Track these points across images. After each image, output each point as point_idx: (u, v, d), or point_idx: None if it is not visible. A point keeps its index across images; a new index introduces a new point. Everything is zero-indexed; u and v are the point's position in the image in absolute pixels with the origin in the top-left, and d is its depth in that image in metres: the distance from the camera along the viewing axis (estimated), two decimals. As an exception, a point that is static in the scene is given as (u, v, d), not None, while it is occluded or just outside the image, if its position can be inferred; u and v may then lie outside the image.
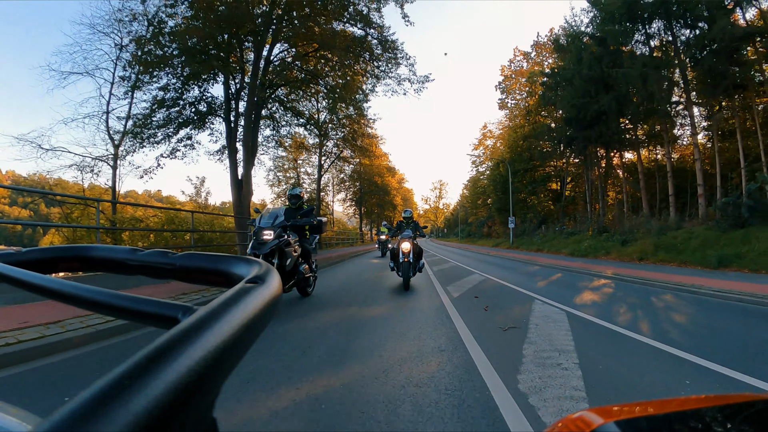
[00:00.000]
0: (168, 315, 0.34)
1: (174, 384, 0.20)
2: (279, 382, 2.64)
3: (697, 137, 18.12)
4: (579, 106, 22.09)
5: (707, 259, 11.49)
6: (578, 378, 2.77)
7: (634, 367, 3.05)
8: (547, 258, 17.27)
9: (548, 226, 29.85)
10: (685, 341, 3.81)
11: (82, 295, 0.40)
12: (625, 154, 25.08)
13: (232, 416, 2.14)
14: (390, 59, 15.46)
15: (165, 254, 0.45)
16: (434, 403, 2.26)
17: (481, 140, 55.65)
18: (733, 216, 12.90)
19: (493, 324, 4.53)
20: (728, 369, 3.00)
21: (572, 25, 26.45)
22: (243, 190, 14.24)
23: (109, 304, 0.38)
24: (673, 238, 14.52)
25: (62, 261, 0.53)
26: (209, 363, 0.23)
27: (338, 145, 24.24)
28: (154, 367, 0.20)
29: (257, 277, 0.34)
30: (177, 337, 0.23)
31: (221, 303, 0.28)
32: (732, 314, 5.29)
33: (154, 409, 0.19)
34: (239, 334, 0.26)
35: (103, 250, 0.51)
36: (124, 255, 0.48)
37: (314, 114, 19.77)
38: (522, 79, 40.91)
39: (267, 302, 0.30)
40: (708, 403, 0.59)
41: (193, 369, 0.22)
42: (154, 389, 0.19)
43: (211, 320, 0.25)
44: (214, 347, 0.23)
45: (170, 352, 0.22)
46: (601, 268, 11.67)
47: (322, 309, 5.41)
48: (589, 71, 21.67)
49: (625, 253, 15.36)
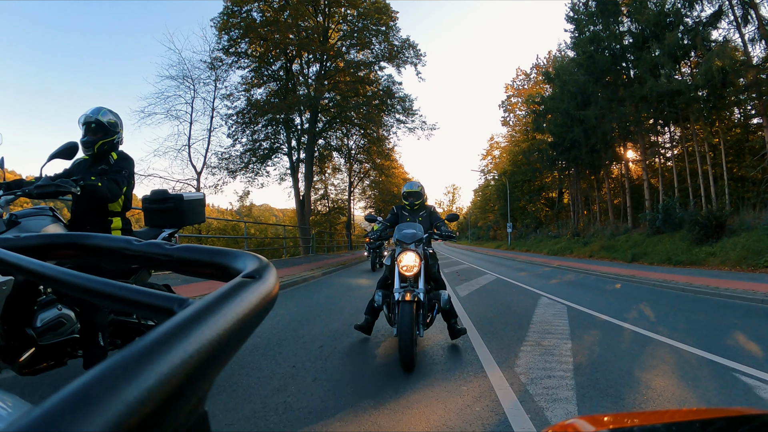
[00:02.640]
0: (163, 306, 0.35)
1: (167, 376, 0.20)
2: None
3: (645, 162, 23.33)
4: (559, 133, 27.49)
5: (627, 255, 16.87)
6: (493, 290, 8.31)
7: (524, 302, 8.60)
8: (527, 256, 22.88)
9: (541, 231, 35.19)
10: (571, 296, 9.37)
11: (78, 283, 0.40)
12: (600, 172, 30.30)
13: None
14: (408, 113, 21.52)
15: (162, 246, 0.45)
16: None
17: (489, 150, 60.96)
18: (652, 225, 18.24)
19: (454, 278, 10.09)
20: (594, 311, 8.54)
21: (560, 56, 31.92)
22: (305, 208, 20.20)
23: (106, 292, 0.38)
24: (616, 241, 19.88)
25: (58, 248, 0.52)
26: (203, 356, 0.23)
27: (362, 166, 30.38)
28: (148, 358, 0.20)
29: (254, 272, 0.34)
30: (171, 330, 0.23)
31: (217, 297, 0.28)
32: (611, 285, 10.81)
33: (146, 400, 0.19)
34: (234, 329, 0.26)
35: (100, 238, 0.50)
36: (121, 244, 0.48)
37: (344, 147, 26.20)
38: (521, 100, 46.20)
39: (263, 298, 0.30)
40: (699, 416, 0.61)
41: (186, 362, 0.21)
42: (147, 380, 0.19)
43: (206, 314, 0.25)
44: (208, 341, 0.23)
45: (164, 344, 0.22)
46: (555, 262, 17.19)
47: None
48: (567, 106, 27.05)
49: (582, 252, 20.79)
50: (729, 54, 17.30)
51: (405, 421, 2.34)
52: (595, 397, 2.72)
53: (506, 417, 2.38)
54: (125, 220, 2.90)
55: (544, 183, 41.44)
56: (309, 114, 20.63)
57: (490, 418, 2.38)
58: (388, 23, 21.43)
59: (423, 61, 22.19)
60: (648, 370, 3.29)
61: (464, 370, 3.28)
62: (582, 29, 25.55)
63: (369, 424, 2.30)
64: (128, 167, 2.79)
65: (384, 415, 2.42)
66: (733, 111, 20.78)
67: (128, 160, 2.82)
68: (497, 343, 4.09)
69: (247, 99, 20.56)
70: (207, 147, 21.78)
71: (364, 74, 22.30)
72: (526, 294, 8.10)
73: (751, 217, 14.18)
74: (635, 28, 22.25)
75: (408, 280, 3.48)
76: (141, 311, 0.38)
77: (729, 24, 18.45)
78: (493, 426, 2.28)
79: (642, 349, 3.98)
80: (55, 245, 0.52)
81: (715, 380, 3.13)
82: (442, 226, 4.16)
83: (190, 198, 3.26)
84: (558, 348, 3.93)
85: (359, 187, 49.35)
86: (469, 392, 2.79)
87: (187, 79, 19.62)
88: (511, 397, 2.67)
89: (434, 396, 2.72)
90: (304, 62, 21.75)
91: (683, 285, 8.48)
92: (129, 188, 2.85)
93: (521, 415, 2.40)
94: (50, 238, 0.53)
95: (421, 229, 3.72)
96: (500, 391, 2.78)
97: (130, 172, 2.80)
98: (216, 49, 19.94)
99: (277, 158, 21.92)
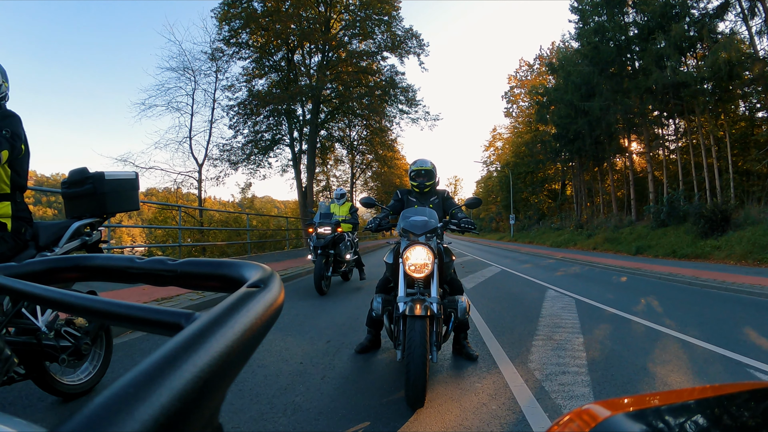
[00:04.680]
0: (171, 322, 0.35)
1: (179, 391, 0.20)
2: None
3: (649, 154, 23.18)
4: (563, 125, 27.28)
5: (631, 248, 16.80)
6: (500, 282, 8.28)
7: (524, 290, 8.57)
8: (530, 248, 22.80)
9: (544, 222, 35.11)
10: (578, 288, 9.32)
11: (84, 305, 0.40)
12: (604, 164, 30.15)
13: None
14: (410, 103, 21.32)
15: (164, 261, 0.45)
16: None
17: (492, 142, 60.67)
18: (656, 218, 18.14)
19: (458, 270, 10.04)
20: (602, 304, 8.50)
21: (563, 47, 31.61)
22: (307, 199, 20.09)
23: (113, 312, 0.39)
24: (620, 233, 19.80)
25: (62, 271, 0.52)
26: (214, 369, 0.23)
27: (365, 157, 30.16)
28: (159, 374, 0.21)
29: (259, 282, 0.35)
30: (181, 345, 0.23)
31: (224, 309, 0.28)
32: (617, 277, 10.77)
33: (160, 417, 0.19)
34: (242, 340, 0.26)
35: (103, 259, 0.51)
36: (124, 263, 0.48)
37: (346, 138, 26.00)
38: (524, 91, 45.87)
39: (269, 307, 0.31)
40: (714, 392, 0.61)
41: (197, 376, 0.22)
42: (160, 397, 0.19)
43: (214, 326, 0.25)
44: (218, 353, 0.24)
45: (175, 359, 0.22)
46: (558, 254, 17.13)
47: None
48: (571, 97, 26.81)
49: (585, 244, 20.73)
50: (735, 46, 17.08)
51: (420, 421, 2.25)
52: (612, 394, 2.67)
53: (524, 415, 2.33)
54: (19, 205, 2.20)
55: (547, 175, 41.25)
56: (311, 105, 20.43)
57: (507, 416, 2.33)
58: (391, 13, 21.16)
59: (426, 51, 21.94)
60: (662, 365, 3.25)
61: (477, 365, 3.21)
62: (586, 20, 25.24)
63: (381, 425, 2.20)
64: (12, 126, 2.07)
65: (397, 415, 2.32)
66: (738, 104, 20.61)
67: (12, 118, 2.12)
68: (508, 337, 4.05)
69: (249, 90, 20.44)
70: (208, 139, 21.68)
71: (366, 64, 22.05)
72: (533, 286, 8.05)
73: (756, 210, 14.07)
74: (641, 19, 21.98)
75: (417, 284, 2.76)
76: (149, 329, 0.37)
77: (736, 16, 18.25)
78: (511, 425, 2.23)
79: (654, 343, 3.93)
80: (58, 269, 0.52)
81: (729, 375, 3.10)
82: (458, 214, 3.37)
83: (115, 177, 2.58)
84: (570, 342, 3.88)
85: (361, 179, 49.19)
86: (483, 389, 2.73)
87: (187, 70, 19.48)
88: (527, 395, 2.62)
89: (448, 394, 2.64)
90: (306, 52, 21.54)
91: (689, 279, 8.42)
92: (17, 158, 2.13)
93: (539, 413, 2.35)
94: (53, 262, 0.53)
95: (435, 217, 2.96)
96: (515, 388, 2.73)
97: (14, 132, 2.06)
98: (217, 40, 19.79)
99: (279, 149, 21.84)
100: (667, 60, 19.26)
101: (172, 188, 22.30)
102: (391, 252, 3.08)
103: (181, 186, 22.41)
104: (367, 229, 3.45)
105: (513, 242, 31.89)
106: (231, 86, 20.22)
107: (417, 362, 2.28)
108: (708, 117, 19.59)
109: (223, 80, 20.36)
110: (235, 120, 19.73)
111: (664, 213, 17.73)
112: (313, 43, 20.58)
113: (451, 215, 3.39)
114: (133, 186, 2.74)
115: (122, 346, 3.41)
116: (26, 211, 2.24)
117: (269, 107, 19.00)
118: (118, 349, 3.19)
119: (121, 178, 2.65)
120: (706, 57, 18.30)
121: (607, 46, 23.04)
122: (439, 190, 3.67)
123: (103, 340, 2.57)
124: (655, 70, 19.27)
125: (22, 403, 2.35)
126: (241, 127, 19.91)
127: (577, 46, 28.00)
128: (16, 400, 2.37)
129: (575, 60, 26.89)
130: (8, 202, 2.14)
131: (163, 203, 18.87)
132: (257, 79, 21.10)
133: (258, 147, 20.58)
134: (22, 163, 2.21)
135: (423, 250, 2.72)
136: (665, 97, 20.45)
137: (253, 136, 20.30)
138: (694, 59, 20.98)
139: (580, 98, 25.52)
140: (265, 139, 20.77)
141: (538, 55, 46.95)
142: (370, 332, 3.46)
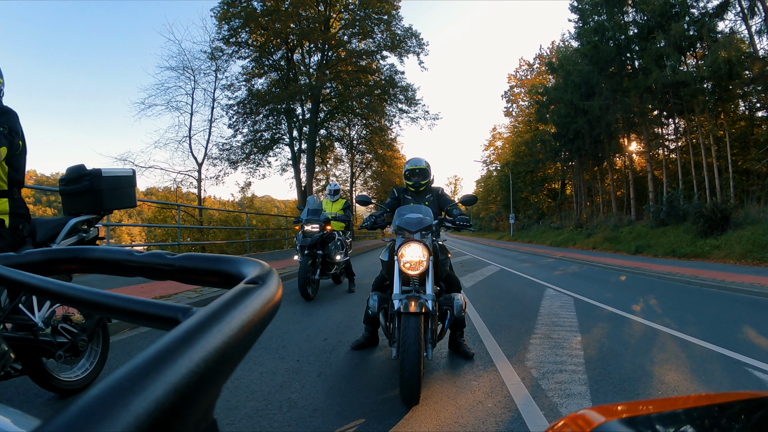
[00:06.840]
0: (168, 316, 0.35)
1: (174, 385, 0.20)
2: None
3: (649, 153, 23.17)
4: (563, 124, 27.27)
5: (631, 247, 16.78)
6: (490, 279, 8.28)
7: (521, 288, 8.56)
8: (530, 247, 22.79)
9: (544, 222, 35.10)
10: (577, 287, 9.31)
11: (81, 297, 0.40)
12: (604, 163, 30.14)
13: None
14: (410, 102, 21.29)
15: (163, 256, 0.45)
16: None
17: (491, 141, 60.63)
18: (656, 217, 18.13)
19: (457, 269, 10.03)
20: (600, 303, 8.49)
21: (563, 46, 31.56)
22: (306, 198, 20.13)
23: (110, 305, 0.39)
24: (619, 233, 19.78)
25: (61, 262, 0.52)
26: (209, 364, 0.23)
27: (364, 156, 30.15)
28: (155, 368, 0.21)
29: (257, 278, 0.34)
30: (177, 339, 0.23)
31: (221, 304, 0.28)
32: (616, 276, 10.76)
33: (155, 411, 0.19)
34: (239, 336, 0.26)
35: (102, 251, 0.51)
36: (123, 256, 0.48)
37: (346, 137, 25.97)
38: (524, 90, 45.83)
39: (267, 303, 0.31)
40: (708, 401, 0.61)
41: (193, 370, 0.22)
42: (155, 391, 0.19)
43: (211, 322, 0.25)
44: (214, 349, 0.24)
45: (170, 354, 0.22)
46: (558, 253, 17.12)
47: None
48: (570, 96, 26.80)
49: (585, 243, 20.72)
50: (735, 46, 17.05)
51: (415, 418, 2.25)
52: (609, 393, 2.66)
53: (519, 414, 2.32)
54: (16, 202, 2.22)
55: (547, 174, 41.19)
56: (310, 104, 20.42)
57: (503, 414, 2.32)
58: (390, 12, 21.15)
59: (425, 50, 21.95)
60: (659, 364, 3.24)
61: (473, 363, 3.20)
62: (586, 19, 25.19)
63: (377, 423, 2.20)
64: (9, 122, 2.10)
65: (392, 412, 2.33)
66: (738, 103, 20.61)
67: (9, 114, 2.13)
68: (505, 335, 4.04)
69: (248, 89, 20.43)
70: (208, 138, 21.64)
71: (366, 63, 22.05)
72: (531, 285, 8.04)
73: (755, 210, 14.06)
74: (640, 18, 21.96)
75: (412, 281, 2.80)
76: (146, 322, 0.37)
77: (735, 15, 18.23)
78: (507, 423, 2.22)
79: (651, 342, 3.93)
80: (57, 260, 0.52)
81: (727, 374, 3.08)
82: (454, 210, 3.37)
83: (112, 174, 2.58)
84: (567, 341, 3.87)
85: (361, 178, 49.23)
86: (479, 387, 2.72)
87: (187, 69, 19.42)
88: (523, 393, 2.61)
89: (444, 392, 2.64)
90: (306, 52, 21.52)
91: (688, 278, 8.41)
92: (14, 154, 2.16)
93: (535, 412, 2.34)
94: (53, 253, 0.52)
95: (429, 213, 2.97)
96: (512, 386, 2.72)
97: (11, 128, 2.09)
98: (216, 39, 19.76)
99: (278, 149, 21.81)
100: (667, 59, 19.24)
101: (172, 187, 22.29)
102: (387, 249, 3.09)
103: (180, 185, 22.45)
104: (362, 226, 3.45)
105: (513, 241, 31.87)
106: (230, 85, 20.28)
107: (411, 359, 2.30)
108: (708, 116, 19.60)
109: (222, 79, 20.41)
110: (234, 119, 19.80)
111: (664, 212, 17.71)
112: (312, 42, 20.58)
113: (447, 212, 3.40)
114: (130, 183, 2.75)
115: (119, 344, 3.40)
116: (24, 208, 2.26)
117: (269, 106, 19.03)
118: (115, 347, 3.18)
119: (118, 175, 2.66)
120: (706, 56, 18.31)
121: (607, 45, 23.02)
122: (435, 187, 3.71)
123: (100, 336, 2.57)
124: (655, 70, 19.24)
125: (19, 398, 2.35)
126: (241, 127, 19.98)
127: (576, 46, 27.95)
128: (13, 396, 2.38)
129: (575, 59, 26.85)
130: (6, 199, 2.16)
131: (162, 202, 18.79)
132: (257, 78, 21.11)
133: (257, 146, 20.59)
134: (20, 160, 2.22)
135: (418, 247, 2.73)
136: (665, 96, 20.44)
137: (253, 135, 20.32)
138: (694, 58, 20.98)
139: (579, 97, 25.48)
140: (265, 139, 20.78)
141: (538, 54, 46.90)
142: (368, 329, 3.49)
